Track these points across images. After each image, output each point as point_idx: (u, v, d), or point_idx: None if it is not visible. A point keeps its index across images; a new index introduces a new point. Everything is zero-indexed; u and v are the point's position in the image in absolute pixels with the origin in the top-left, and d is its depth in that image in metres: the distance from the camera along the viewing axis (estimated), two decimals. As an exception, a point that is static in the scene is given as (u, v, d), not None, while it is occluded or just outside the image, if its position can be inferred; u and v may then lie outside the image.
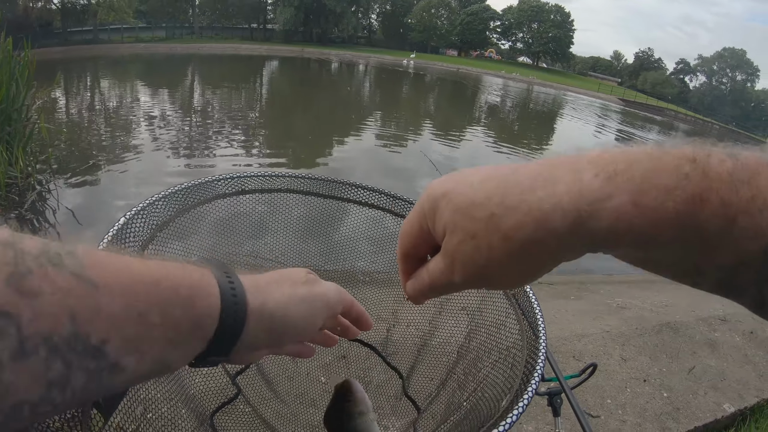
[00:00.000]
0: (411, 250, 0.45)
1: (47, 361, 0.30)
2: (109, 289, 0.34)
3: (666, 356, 2.95)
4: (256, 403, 1.20)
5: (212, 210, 1.12)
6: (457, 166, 7.34)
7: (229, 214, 1.17)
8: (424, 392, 1.25)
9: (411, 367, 1.30)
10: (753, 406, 2.67)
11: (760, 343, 3.34)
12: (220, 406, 1.08)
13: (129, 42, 48.18)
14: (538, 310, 0.92)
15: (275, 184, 1.24)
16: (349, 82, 31.79)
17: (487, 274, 0.38)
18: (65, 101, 14.59)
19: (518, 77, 61.12)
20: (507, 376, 0.87)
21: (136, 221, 0.86)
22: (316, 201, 1.30)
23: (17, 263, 0.30)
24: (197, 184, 1.06)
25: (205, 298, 0.43)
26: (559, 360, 2.68)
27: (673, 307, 3.84)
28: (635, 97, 60.45)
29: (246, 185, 1.19)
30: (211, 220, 1.12)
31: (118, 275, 0.36)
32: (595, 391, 2.48)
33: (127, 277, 0.36)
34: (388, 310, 1.38)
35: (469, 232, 0.37)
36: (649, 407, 2.45)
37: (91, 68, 25.87)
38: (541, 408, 2.18)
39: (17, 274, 0.30)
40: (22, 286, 0.29)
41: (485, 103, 26.97)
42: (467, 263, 0.38)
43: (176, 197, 0.99)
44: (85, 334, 0.32)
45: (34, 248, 0.32)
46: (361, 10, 78.04)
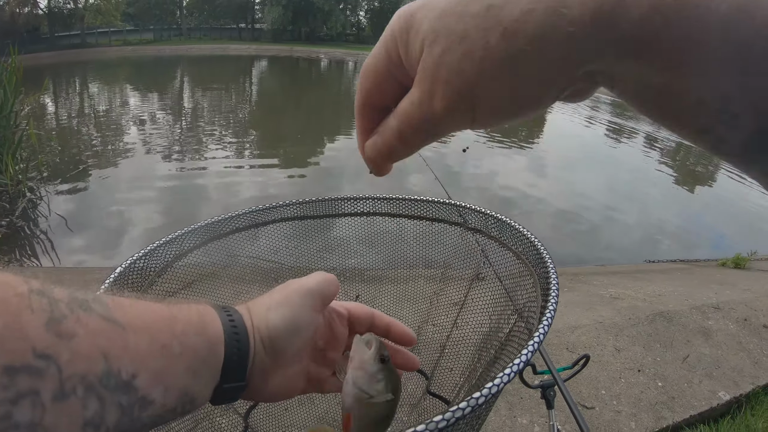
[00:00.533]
0: (374, 93, 0.37)
1: (84, 400, 0.31)
2: (134, 327, 0.37)
3: (660, 345, 2.96)
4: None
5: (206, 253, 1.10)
6: (449, 162, 7.32)
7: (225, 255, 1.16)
8: (450, 385, 1.22)
9: (434, 367, 1.28)
10: (748, 393, 2.69)
11: (754, 330, 3.36)
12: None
13: (117, 45, 48.08)
14: (555, 294, 0.85)
15: (266, 217, 1.22)
16: (339, 80, 31.73)
17: (475, 93, 0.30)
18: (54, 107, 14.59)
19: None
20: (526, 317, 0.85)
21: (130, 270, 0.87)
22: (312, 223, 1.29)
23: (52, 309, 0.31)
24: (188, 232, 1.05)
25: (211, 323, 0.46)
26: (553, 352, 2.69)
27: (667, 297, 3.86)
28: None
29: (238, 223, 1.17)
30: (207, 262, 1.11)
31: (140, 315, 0.39)
32: (590, 382, 2.49)
33: (148, 316, 0.39)
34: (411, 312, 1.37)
35: (458, 33, 0.29)
36: (644, 397, 2.46)
37: (80, 73, 25.77)
38: (536, 401, 2.19)
39: (54, 319, 0.31)
40: (59, 330, 0.31)
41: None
42: (452, 79, 0.30)
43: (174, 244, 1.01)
44: (117, 370, 0.34)
45: (65, 296, 0.33)
46: (349, 8, 77.87)
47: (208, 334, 0.45)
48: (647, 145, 15.60)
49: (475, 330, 1.18)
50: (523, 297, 0.89)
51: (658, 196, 9.89)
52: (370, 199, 1.28)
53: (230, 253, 1.23)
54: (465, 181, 8.92)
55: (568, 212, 7.88)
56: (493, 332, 1.05)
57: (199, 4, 62.89)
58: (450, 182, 8.36)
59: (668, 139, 16.42)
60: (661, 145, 15.93)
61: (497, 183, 9.16)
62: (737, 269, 5.76)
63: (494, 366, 0.89)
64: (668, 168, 13.01)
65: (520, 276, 0.94)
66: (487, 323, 1.15)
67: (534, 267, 0.89)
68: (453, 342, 1.26)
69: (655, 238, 7.39)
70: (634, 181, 10.74)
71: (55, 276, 3.12)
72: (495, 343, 1.00)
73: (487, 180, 9.26)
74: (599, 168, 11.91)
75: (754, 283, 4.67)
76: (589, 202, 8.59)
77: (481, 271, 1.19)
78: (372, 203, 1.28)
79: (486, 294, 1.11)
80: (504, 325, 0.98)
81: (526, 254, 0.94)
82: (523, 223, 1.03)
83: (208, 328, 0.45)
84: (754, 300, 3.82)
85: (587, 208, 8.17)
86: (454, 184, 8.39)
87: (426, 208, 1.24)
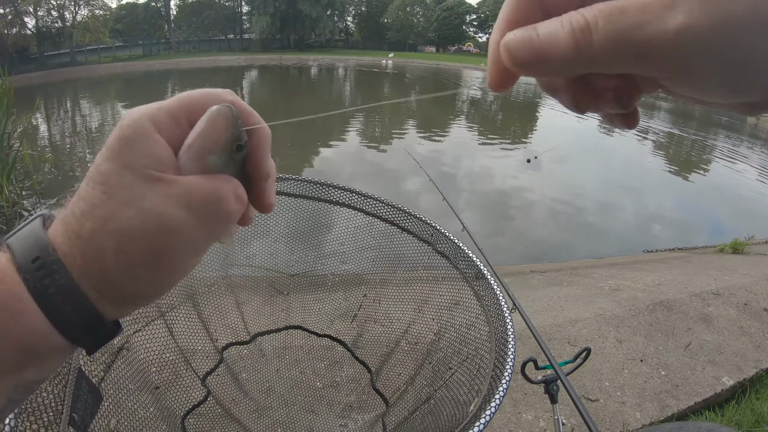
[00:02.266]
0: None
1: None
2: None
3: (661, 334, 2.96)
4: (227, 402, 1.21)
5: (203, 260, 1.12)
6: (443, 162, 7.33)
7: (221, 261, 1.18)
8: (393, 387, 1.26)
9: (381, 363, 1.33)
10: (752, 378, 2.69)
11: (755, 314, 3.36)
12: (191, 408, 1.09)
13: (106, 62, 48.08)
14: (508, 315, 0.91)
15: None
16: (329, 85, 31.79)
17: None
18: (47, 126, 14.62)
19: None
20: (474, 377, 0.88)
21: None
22: (302, 204, 1.31)
23: None
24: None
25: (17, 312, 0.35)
26: (554, 347, 2.69)
27: (666, 286, 3.86)
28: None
29: None
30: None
31: None
32: (593, 375, 2.49)
33: None
34: (361, 309, 1.40)
35: None
36: (648, 386, 2.46)
37: (71, 91, 25.81)
38: (540, 396, 2.19)
39: None
40: None
41: (467, 97, 27.02)
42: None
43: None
44: None
45: None
46: (336, 13, 78.08)
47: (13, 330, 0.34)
48: (639, 137, 15.64)
49: (425, 339, 1.22)
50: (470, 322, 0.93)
51: (653, 185, 9.93)
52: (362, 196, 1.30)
53: (227, 261, 1.24)
54: (460, 181, 8.93)
55: (563, 207, 7.90)
56: (444, 344, 1.08)
57: (186, 17, 62.98)
58: (447, 180, 8.39)
59: (661, 132, 16.48)
60: (653, 137, 15.98)
61: (492, 179, 9.18)
62: (736, 254, 5.77)
63: (440, 382, 0.93)
64: (662, 158, 13.07)
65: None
66: (435, 332, 1.20)
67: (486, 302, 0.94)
68: (402, 346, 1.30)
69: (652, 228, 7.43)
70: (628, 172, 10.78)
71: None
72: (447, 359, 1.03)
73: (484, 178, 9.28)
74: (594, 160, 11.95)
75: (753, 267, 4.68)
76: (585, 194, 8.62)
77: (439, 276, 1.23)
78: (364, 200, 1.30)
79: (442, 307, 1.15)
80: (472, 340, 1.01)
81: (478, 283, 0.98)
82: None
83: (12, 319, 0.35)
84: (754, 284, 3.83)
85: (583, 201, 8.20)
86: (451, 182, 8.41)
87: (401, 218, 1.27)
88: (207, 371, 1.18)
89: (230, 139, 0.40)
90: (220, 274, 1.38)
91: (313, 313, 1.54)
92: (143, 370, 1.02)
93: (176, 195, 0.37)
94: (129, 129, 0.37)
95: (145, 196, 0.36)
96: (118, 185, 0.36)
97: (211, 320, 1.30)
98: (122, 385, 0.91)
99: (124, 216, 0.36)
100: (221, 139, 0.39)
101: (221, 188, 0.39)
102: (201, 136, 0.39)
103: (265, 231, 1.35)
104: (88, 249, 0.36)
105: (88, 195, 0.37)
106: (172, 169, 0.38)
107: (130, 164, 0.37)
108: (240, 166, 0.42)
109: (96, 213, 0.36)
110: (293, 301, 1.53)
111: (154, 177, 0.37)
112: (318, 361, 1.75)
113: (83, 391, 0.76)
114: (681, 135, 17.91)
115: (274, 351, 1.51)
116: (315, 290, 1.63)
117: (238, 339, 1.33)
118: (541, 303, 3.46)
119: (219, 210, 0.39)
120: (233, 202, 0.40)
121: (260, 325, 1.42)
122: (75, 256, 0.36)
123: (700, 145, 16.10)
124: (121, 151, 0.37)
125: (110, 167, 0.37)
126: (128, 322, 1.03)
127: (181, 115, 0.40)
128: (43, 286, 0.35)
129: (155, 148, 0.38)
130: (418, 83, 34.84)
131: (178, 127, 0.40)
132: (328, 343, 1.47)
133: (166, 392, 1.07)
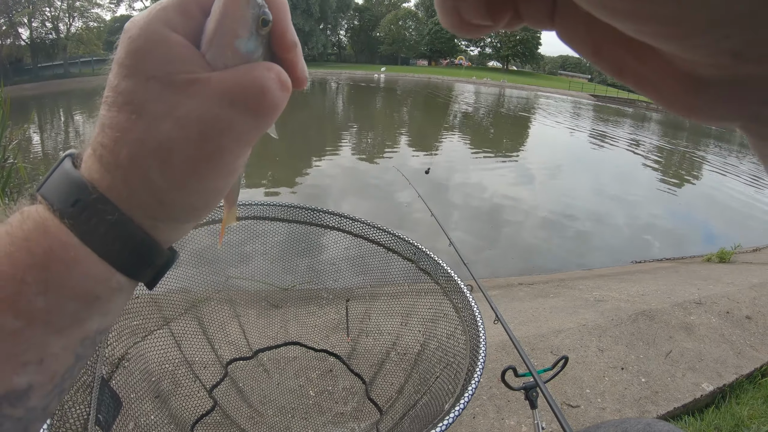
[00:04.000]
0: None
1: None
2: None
3: (643, 343, 3.06)
4: (232, 412, 1.30)
5: (194, 237, 1.22)
6: (436, 175, 7.40)
7: (205, 242, 1.27)
8: (386, 396, 1.36)
9: (374, 374, 1.43)
10: (732, 383, 2.76)
11: (737, 322, 3.45)
12: (199, 418, 1.18)
13: (100, 74, 47.91)
14: (481, 324, 1.01)
15: (258, 212, 1.34)
16: (321, 100, 31.88)
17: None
18: (41, 138, 14.56)
19: (489, 82, 61.57)
20: (452, 381, 0.98)
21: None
22: (287, 227, 1.41)
23: None
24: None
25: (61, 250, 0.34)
26: (537, 356, 2.78)
27: (649, 296, 3.95)
28: (606, 92, 61.43)
29: (218, 215, 1.29)
30: (192, 247, 1.23)
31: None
32: (574, 382, 2.58)
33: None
34: (352, 323, 1.50)
35: None
36: (628, 393, 2.55)
37: (65, 103, 25.77)
38: (522, 403, 2.28)
39: None
40: None
41: (458, 111, 27.21)
42: None
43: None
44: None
45: None
46: (329, 27, 78.45)
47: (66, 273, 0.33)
48: (630, 149, 15.79)
49: (412, 348, 1.33)
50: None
51: (644, 195, 10.06)
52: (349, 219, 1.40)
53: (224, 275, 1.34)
54: (452, 194, 9.01)
55: (555, 219, 8.01)
56: (428, 355, 1.20)
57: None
58: (439, 193, 8.48)
59: (651, 144, 16.63)
60: (644, 149, 16.13)
61: (484, 193, 9.28)
62: (722, 263, 5.88)
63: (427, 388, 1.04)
64: (653, 169, 13.20)
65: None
66: (422, 344, 1.31)
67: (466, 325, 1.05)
68: (393, 356, 1.40)
69: (643, 238, 7.53)
70: (619, 184, 10.90)
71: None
72: (432, 367, 1.15)
73: (476, 190, 9.37)
74: (584, 172, 12.07)
75: (738, 276, 4.78)
76: (576, 206, 8.72)
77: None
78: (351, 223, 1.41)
79: (426, 319, 1.26)
80: (451, 348, 1.13)
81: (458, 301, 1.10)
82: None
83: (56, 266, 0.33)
84: (737, 293, 3.93)
85: (574, 212, 8.30)
86: (440, 196, 8.50)
87: (385, 238, 1.38)
88: (213, 384, 1.28)
89: (254, 15, 0.36)
90: (219, 287, 1.47)
91: (308, 328, 1.63)
92: (152, 380, 1.11)
93: (214, 94, 0.34)
94: (140, 39, 0.34)
95: (179, 103, 0.34)
96: (146, 100, 0.34)
97: (213, 334, 1.39)
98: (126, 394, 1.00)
99: (162, 131, 0.33)
100: (245, 17, 0.35)
101: (263, 77, 0.36)
102: (223, 21, 0.35)
103: (263, 251, 1.46)
104: (131, 176, 0.34)
105: (114, 121, 0.34)
106: (201, 68, 0.35)
107: (154, 74, 0.34)
108: (267, 42, 0.39)
109: (129, 137, 0.33)
110: (289, 316, 1.62)
111: (185, 80, 0.34)
112: (315, 372, 1.85)
113: (106, 397, 0.86)
114: (671, 148, 18.13)
115: (274, 365, 1.60)
116: (308, 305, 1.72)
117: (241, 354, 1.43)
118: (527, 314, 3.55)
119: (265, 101, 0.36)
120: (278, 90, 0.36)
121: (260, 339, 1.50)
122: (119, 188, 0.34)
123: (689, 157, 16.31)
124: (138, 64, 0.34)
125: (131, 84, 0.34)
126: (127, 334, 1.12)
127: (191, 5, 0.36)
128: (91, 228, 0.34)
129: (177, 50, 0.34)
130: (410, 97, 34.97)
131: (192, 19, 0.36)
132: (324, 356, 1.57)
133: (175, 402, 1.17)
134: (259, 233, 1.40)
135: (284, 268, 1.54)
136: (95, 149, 0.35)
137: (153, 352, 1.13)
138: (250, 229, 1.39)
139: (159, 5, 0.35)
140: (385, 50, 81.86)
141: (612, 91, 63.41)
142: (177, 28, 0.35)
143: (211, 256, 1.35)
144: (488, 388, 2.38)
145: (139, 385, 1.01)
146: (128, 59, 0.34)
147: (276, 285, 1.60)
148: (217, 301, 1.48)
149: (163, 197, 0.35)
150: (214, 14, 0.35)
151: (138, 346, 1.09)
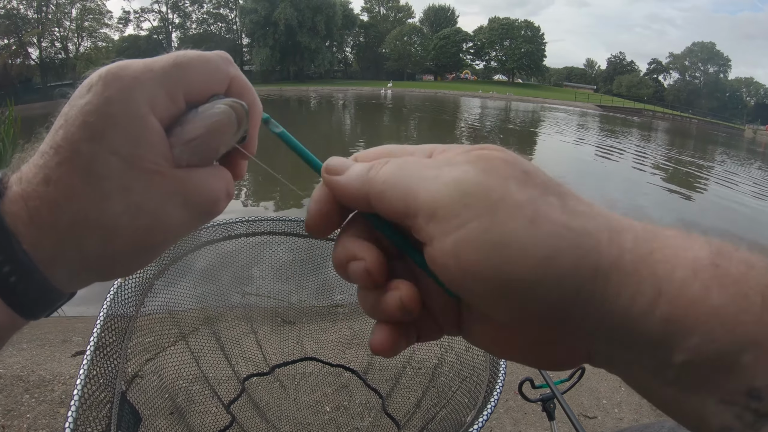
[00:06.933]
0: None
1: None
2: None
3: (659, 355, 3.02)
4: (250, 428, 1.30)
5: (201, 256, 1.23)
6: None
7: (217, 258, 1.28)
8: (403, 410, 1.35)
9: (390, 388, 1.42)
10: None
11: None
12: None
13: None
14: None
15: (259, 228, 1.35)
16: (328, 116, 32.05)
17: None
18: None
19: (496, 95, 61.73)
20: (471, 393, 0.97)
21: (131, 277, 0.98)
22: (299, 242, 1.41)
23: None
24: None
25: None
26: (554, 368, 2.75)
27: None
28: (612, 102, 61.50)
29: (232, 230, 1.30)
30: (200, 266, 1.24)
31: None
32: (590, 393, 2.55)
33: None
34: (367, 336, 1.50)
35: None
36: (645, 403, 2.51)
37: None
38: (539, 415, 2.26)
39: None
40: None
41: (466, 124, 27.30)
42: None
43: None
44: None
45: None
46: (335, 45, 79.18)
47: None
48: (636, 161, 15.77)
49: (429, 362, 1.32)
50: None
51: (650, 204, 10.03)
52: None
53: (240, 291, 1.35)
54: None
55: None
56: (445, 368, 1.19)
57: (188, 48, 63.78)
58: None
59: (656, 156, 16.59)
60: (651, 161, 16.10)
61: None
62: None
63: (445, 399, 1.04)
64: (660, 179, 13.17)
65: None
66: (439, 357, 1.30)
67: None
68: (409, 370, 1.40)
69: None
70: (627, 192, 10.88)
71: (66, 325, 3.20)
72: (449, 381, 1.14)
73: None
74: (591, 182, 12.07)
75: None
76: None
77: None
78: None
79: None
80: (470, 360, 1.12)
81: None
82: None
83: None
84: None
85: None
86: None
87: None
88: (231, 399, 1.28)
89: (235, 138, 0.38)
90: (234, 303, 1.48)
91: (323, 343, 1.63)
92: (169, 396, 1.11)
93: (173, 192, 0.34)
94: (119, 105, 0.32)
95: (136, 190, 0.32)
96: (103, 175, 0.32)
97: (230, 350, 1.39)
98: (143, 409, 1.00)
99: (112, 211, 0.32)
100: (226, 138, 0.37)
101: (218, 190, 0.37)
102: (206, 136, 0.35)
103: (276, 267, 1.46)
104: (66, 242, 0.33)
105: (63, 180, 0.32)
106: (166, 160, 0.34)
107: (118, 151, 0.32)
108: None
109: (75, 206, 0.32)
110: (304, 332, 1.62)
111: (148, 170, 0.33)
112: (330, 388, 1.84)
113: (125, 413, 0.86)
114: (676, 162, 18.11)
115: (290, 380, 1.59)
116: (322, 321, 1.72)
117: (258, 369, 1.43)
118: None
119: (215, 209, 0.37)
120: (225, 200, 0.38)
121: (277, 355, 1.50)
122: (45, 248, 0.33)
123: (697, 164, 16.28)
124: (106, 132, 0.32)
125: (93, 150, 0.31)
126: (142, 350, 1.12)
127: (178, 92, 0.34)
128: (10, 285, 0.32)
129: (151, 137, 0.33)
130: (417, 113, 35.08)
131: (174, 105, 0.35)
132: (340, 371, 1.57)
133: (192, 417, 1.17)
134: (272, 247, 1.40)
135: (298, 284, 1.55)
136: (28, 196, 0.32)
137: (170, 368, 1.13)
138: (263, 245, 1.39)
139: (151, 74, 0.33)
140: (391, 66, 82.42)
141: (618, 101, 63.52)
142: (157, 110, 0.33)
143: (223, 272, 1.36)
144: (504, 400, 2.36)
145: (155, 401, 1.01)
146: (98, 122, 0.31)
147: (290, 301, 1.61)
148: (233, 317, 1.48)
149: (91, 264, 0.34)
150: (204, 123, 0.35)
151: (153, 361, 1.10)
